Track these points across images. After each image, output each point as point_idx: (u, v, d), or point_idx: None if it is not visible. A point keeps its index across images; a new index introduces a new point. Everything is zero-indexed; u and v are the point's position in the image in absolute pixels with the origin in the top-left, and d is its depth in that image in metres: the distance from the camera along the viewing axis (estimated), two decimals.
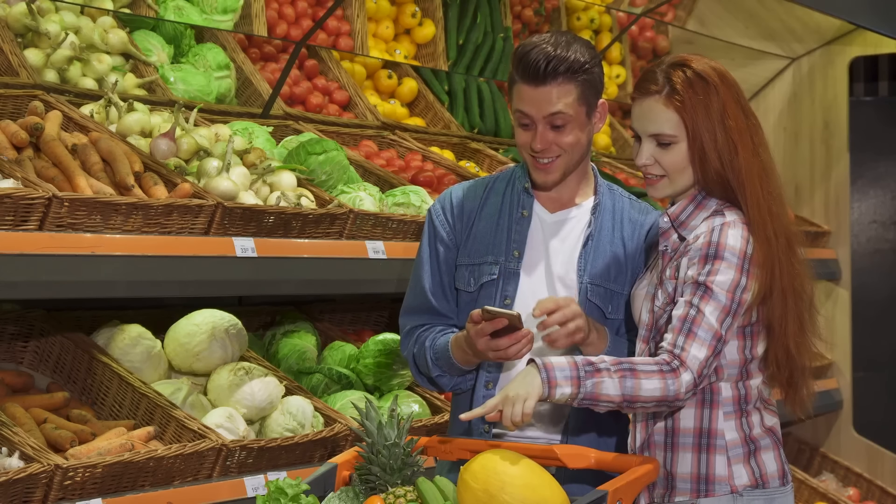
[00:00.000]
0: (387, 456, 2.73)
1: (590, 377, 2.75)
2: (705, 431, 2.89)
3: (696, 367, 2.77)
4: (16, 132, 3.62)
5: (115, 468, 3.28)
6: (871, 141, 7.24)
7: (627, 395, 2.75)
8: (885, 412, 7.18)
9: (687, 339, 2.78)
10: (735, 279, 2.81)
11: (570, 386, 2.74)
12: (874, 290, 7.21)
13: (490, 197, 3.21)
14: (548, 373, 2.75)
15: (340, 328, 4.81)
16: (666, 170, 2.90)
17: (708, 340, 2.78)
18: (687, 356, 2.77)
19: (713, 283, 2.80)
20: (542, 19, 6.40)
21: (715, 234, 2.84)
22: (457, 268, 3.19)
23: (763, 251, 2.83)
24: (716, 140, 2.85)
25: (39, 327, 3.88)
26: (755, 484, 2.90)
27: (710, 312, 2.79)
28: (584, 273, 3.10)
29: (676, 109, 2.86)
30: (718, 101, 2.87)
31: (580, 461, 2.86)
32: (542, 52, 3.00)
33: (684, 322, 2.80)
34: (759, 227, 2.84)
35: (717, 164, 2.86)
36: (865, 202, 7.34)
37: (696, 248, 2.85)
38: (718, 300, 2.79)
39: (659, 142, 2.89)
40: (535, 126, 3.04)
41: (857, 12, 5.89)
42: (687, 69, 2.88)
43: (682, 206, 2.93)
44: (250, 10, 5.09)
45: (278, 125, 4.82)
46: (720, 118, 2.86)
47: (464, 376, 3.17)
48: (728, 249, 2.82)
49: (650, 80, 2.90)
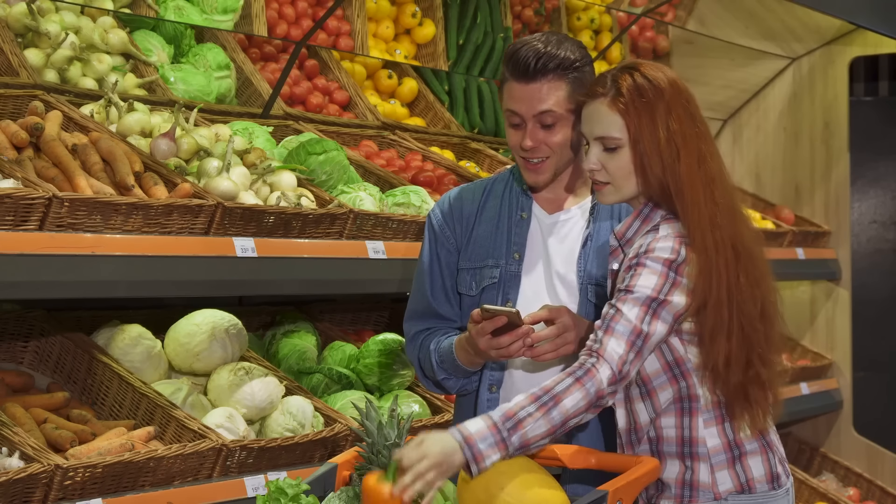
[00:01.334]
0: (387, 456, 2.73)
1: (513, 433, 2.65)
2: (687, 440, 2.86)
3: (615, 361, 2.71)
4: (16, 132, 3.62)
5: (115, 468, 3.28)
6: (871, 141, 7.24)
7: (557, 423, 2.68)
8: (885, 412, 7.18)
9: (605, 334, 2.74)
10: (657, 283, 2.76)
11: (496, 452, 2.64)
12: (874, 290, 7.21)
13: (489, 200, 3.22)
14: (471, 449, 2.63)
15: (340, 328, 4.81)
16: (611, 175, 2.86)
17: (626, 335, 2.73)
18: (604, 350, 2.72)
19: (633, 287, 2.76)
20: (542, 19, 6.39)
21: (642, 248, 2.81)
22: (458, 272, 3.20)
23: (700, 261, 2.78)
24: (658, 145, 2.80)
25: (39, 327, 3.88)
26: (740, 489, 2.87)
27: (627, 310, 2.75)
28: (583, 273, 3.11)
29: (620, 112, 2.82)
30: (664, 106, 2.82)
31: (580, 461, 2.86)
32: (532, 49, 3.01)
33: (603, 320, 2.77)
34: (698, 236, 2.79)
35: (658, 171, 2.81)
36: (865, 202, 7.34)
37: (625, 262, 2.83)
38: (636, 298, 2.75)
39: (605, 146, 2.85)
40: (525, 125, 3.04)
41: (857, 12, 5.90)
42: (636, 73, 2.84)
43: (627, 223, 2.90)
44: (250, 10, 5.09)
45: (278, 125, 4.82)
46: (665, 123, 2.81)
47: (469, 378, 3.17)
48: (651, 258, 2.78)
49: (599, 83, 2.87)
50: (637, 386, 2.88)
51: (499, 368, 3.14)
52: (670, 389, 2.85)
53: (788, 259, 6.55)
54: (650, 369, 2.85)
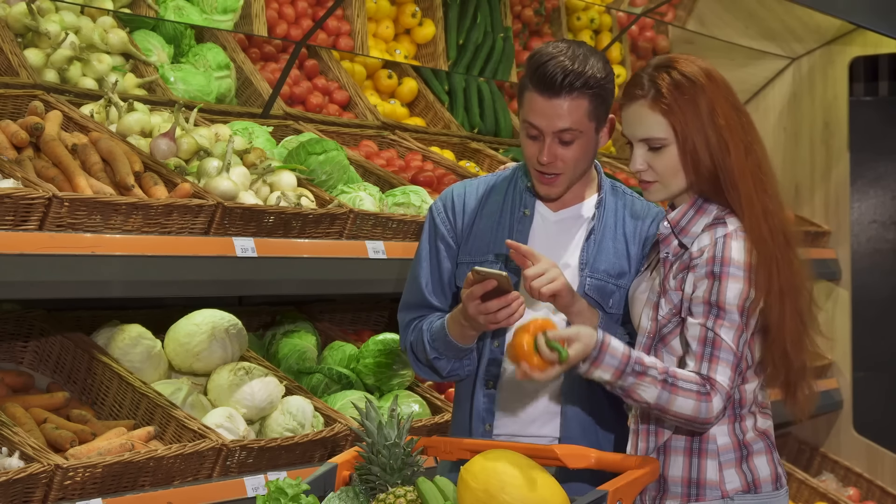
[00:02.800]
0: (387, 456, 2.73)
1: (633, 376, 2.77)
2: (697, 436, 2.88)
3: (725, 392, 2.79)
4: (16, 132, 3.62)
5: (115, 468, 3.28)
6: (871, 141, 7.24)
7: (661, 405, 2.78)
8: (885, 412, 7.18)
9: (711, 364, 2.79)
10: (744, 293, 2.80)
11: (610, 374, 2.77)
12: (874, 290, 7.20)
13: (492, 195, 3.21)
14: (599, 352, 2.77)
15: (340, 328, 4.81)
16: (659, 174, 2.88)
17: (730, 362, 2.79)
18: (716, 383, 2.78)
19: (725, 303, 2.80)
20: (542, 19, 6.39)
21: (718, 248, 2.82)
22: (458, 266, 3.20)
23: (760, 251, 2.82)
24: (707, 140, 2.83)
25: (39, 327, 3.88)
26: (747, 489, 2.88)
27: (725, 334, 2.79)
28: (585, 267, 3.10)
29: (663, 112, 2.84)
30: (706, 100, 2.84)
31: (580, 461, 2.86)
32: (560, 65, 2.98)
33: (704, 346, 2.80)
34: (755, 226, 2.83)
35: (709, 165, 2.84)
36: (865, 202, 7.34)
37: (702, 263, 2.83)
38: (732, 319, 2.79)
39: (650, 146, 2.87)
40: (544, 138, 3.03)
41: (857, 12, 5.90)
42: (672, 71, 2.86)
43: (682, 211, 2.91)
44: (250, 10, 5.09)
45: (278, 125, 4.82)
46: (709, 118, 2.83)
47: (461, 361, 3.15)
48: (733, 264, 2.81)
49: (636, 84, 2.88)
50: None
51: (495, 365, 3.14)
52: None
53: None
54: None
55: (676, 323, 2.87)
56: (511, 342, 2.81)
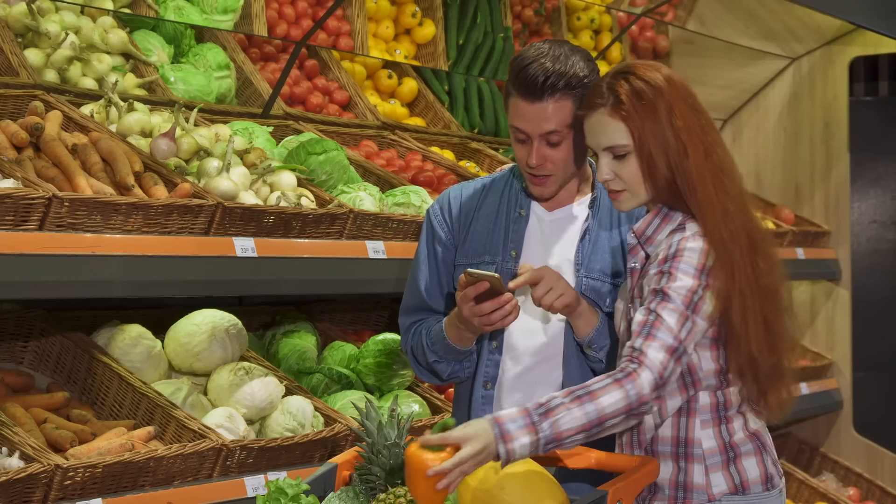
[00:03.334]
0: (387, 456, 2.73)
1: (544, 419, 2.61)
2: (682, 440, 2.86)
3: (656, 367, 2.68)
4: (16, 132, 3.62)
5: (115, 468, 3.28)
6: (871, 141, 7.24)
7: (593, 419, 2.63)
8: (885, 412, 7.18)
9: (646, 340, 2.71)
10: (691, 286, 2.75)
11: (526, 434, 2.59)
12: (874, 290, 7.20)
13: (488, 197, 3.22)
14: (500, 427, 2.58)
15: (340, 328, 4.81)
16: (626, 182, 2.84)
17: (667, 343, 2.71)
18: (645, 357, 2.69)
19: (669, 289, 2.74)
20: (542, 19, 6.39)
21: (672, 248, 2.79)
22: (455, 268, 3.20)
23: (718, 254, 2.77)
24: (665, 145, 2.79)
25: (39, 327, 3.88)
26: (735, 490, 2.86)
27: (667, 315, 2.73)
28: (581, 267, 3.11)
29: (623, 119, 2.80)
30: (665, 104, 2.80)
31: (580, 461, 2.86)
32: (541, 67, 2.97)
33: (643, 326, 2.74)
34: (714, 229, 2.78)
35: (665, 171, 2.80)
36: (865, 202, 7.34)
37: (655, 264, 2.81)
38: (675, 303, 2.73)
39: (614, 154, 2.83)
40: (531, 142, 3.03)
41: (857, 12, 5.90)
42: (631, 77, 2.82)
43: (647, 220, 2.88)
44: (250, 10, 5.09)
45: (278, 125, 4.82)
46: (668, 121, 2.79)
47: (460, 363, 3.16)
48: (684, 261, 2.76)
49: (596, 93, 2.85)
50: None
51: (493, 365, 3.14)
52: (679, 397, 2.85)
53: (788, 259, 6.54)
54: None
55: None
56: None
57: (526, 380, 3.11)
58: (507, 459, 2.59)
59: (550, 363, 3.11)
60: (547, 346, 3.10)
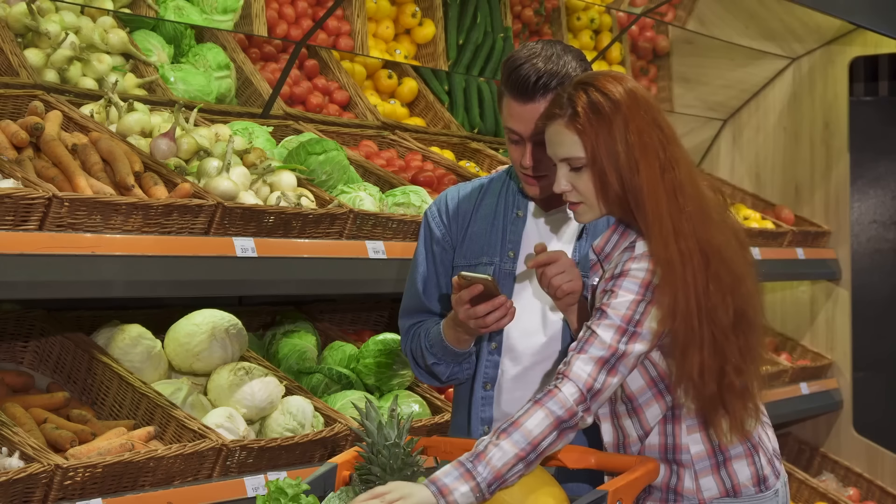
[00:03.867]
0: (387, 456, 2.73)
1: (477, 462, 2.60)
2: (670, 447, 2.84)
3: (582, 378, 2.66)
4: (16, 132, 3.62)
5: (115, 468, 3.28)
6: (871, 141, 7.24)
7: (524, 447, 2.61)
8: (885, 412, 7.18)
9: (577, 355, 2.70)
10: (631, 301, 2.71)
11: (463, 482, 2.59)
12: (874, 290, 7.20)
13: (486, 198, 3.22)
14: (436, 484, 2.58)
15: (340, 328, 4.81)
16: (583, 195, 2.81)
17: (597, 356, 2.68)
18: (570, 371, 2.67)
19: (608, 307, 2.72)
20: (542, 19, 6.39)
21: (618, 268, 2.77)
22: (453, 269, 3.20)
23: (665, 274, 2.72)
24: (616, 160, 2.74)
25: (39, 327, 3.88)
26: (726, 494, 2.85)
27: (602, 331, 2.70)
28: (578, 266, 3.10)
29: (578, 132, 2.76)
30: (622, 118, 2.75)
31: (580, 461, 2.86)
32: (533, 67, 2.95)
33: (578, 343, 2.72)
34: (660, 247, 2.73)
35: (616, 187, 2.76)
36: (865, 202, 7.34)
37: (602, 282, 2.80)
38: (611, 319, 2.70)
39: (571, 166, 2.80)
40: (525, 142, 3.03)
41: (857, 12, 5.90)
42: (591, 89, 2.78)
43: (605, 237, 2.86)
44: (250, 10, 5.09)
45: (278, 125, 4.82)
46: (623, 136, 2.74)
47: (460, 365, 3.16)
48: (628, 279, 2.73)
49: (555, 103, 2.81)
50: (623, 403, 2.86)
51: (493, 366, 3.14)
52: (657, 406, 2.83)
53: (788, 259, 6.55)
54: (634, 386, 2.83)
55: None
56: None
57: (525, 380, 3.11)
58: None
59: (549, 363, 3.11)
60: (546, 346, 3.10)
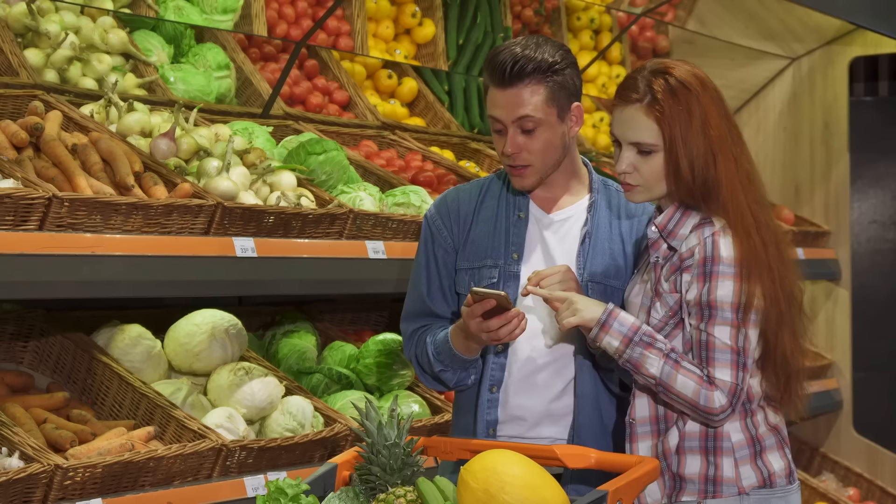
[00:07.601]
0: (387, 456, 2.73)
1: (640, 346, 2.82)
2: (711, 434, 2.89)
3: (728, 388, 2.81)
4: (16, 132, 3.62)
5: (115, 468, 3.28)
6: (871, 141, 7.24)
7: (664, 380, 2.81)
8: (885, 412, 7.18)
9: (709, 365, 2.81)
10: (736, 289, 2.81)
11: (618, 339, 2.83)
12: (874, 290, 7.20)
13: (486, 199, 3.21)
14: (608, 317, 2.84)
15: (340, 328, 4.81)
16: (643, 178, 2.88)
17: (729, 359, 2.81)
18: (716, 380, 2.81)
19: (716, 301, 2.81)
20: (542, 19, 6.39)
21: (708, 248, 2.83)
22: (457, 272, 3.19)
23: (756, 261, 2.83)
24: (694, 150, 2.83)
25: (39, 327, 3.88)
26: (762, 483, 2.91)
27: (719, 333, 2.81)
28: (583, 271, 3.10)
29: (656, 119, 2.83)
30: (700, 109, 2.83)
31: (580, 461, 2.86)
32: (510, 53, 3.00)
33: (700, 349, 2.83)
34: (746, 236, 2.83)
35: (688, 176, 2.83)
36: (865, 202, 7.34)
37: (695, 264, 2.85)
38: (725, 317, 2.81)
39: (639, 150, 2.87)
40: (507, 131, 3.04)
41: (857, 12, 5.89)
42: (669, 77, 2.85)
43: (668, 215, 2.92)
44: (250, 10, 5.09)
45: (278, 125, 4.82)
46: (702, 127, 2.83)
47: (466, 371, 3.16)
48: (723, 262, 2.82)
49: (631, 87, 2.87)
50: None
51: (499, 369, 3.14)
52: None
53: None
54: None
55: (673, 325, 2.89)
56: None
57: (532, 383, 3.11)
58: (593, 341, 2.88)
59: (556, 365, 3.10)
60: (553, 349, 3.10)
